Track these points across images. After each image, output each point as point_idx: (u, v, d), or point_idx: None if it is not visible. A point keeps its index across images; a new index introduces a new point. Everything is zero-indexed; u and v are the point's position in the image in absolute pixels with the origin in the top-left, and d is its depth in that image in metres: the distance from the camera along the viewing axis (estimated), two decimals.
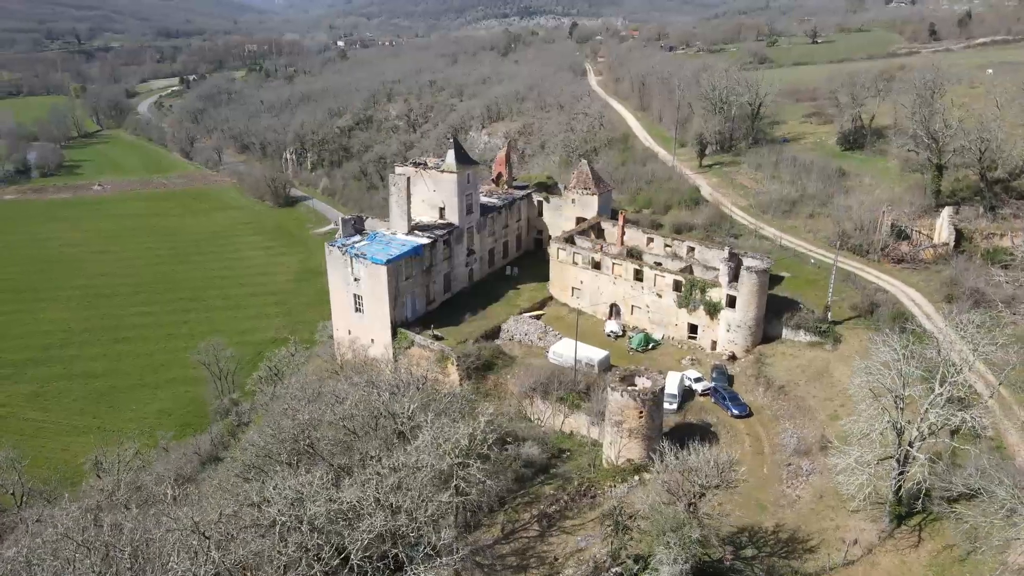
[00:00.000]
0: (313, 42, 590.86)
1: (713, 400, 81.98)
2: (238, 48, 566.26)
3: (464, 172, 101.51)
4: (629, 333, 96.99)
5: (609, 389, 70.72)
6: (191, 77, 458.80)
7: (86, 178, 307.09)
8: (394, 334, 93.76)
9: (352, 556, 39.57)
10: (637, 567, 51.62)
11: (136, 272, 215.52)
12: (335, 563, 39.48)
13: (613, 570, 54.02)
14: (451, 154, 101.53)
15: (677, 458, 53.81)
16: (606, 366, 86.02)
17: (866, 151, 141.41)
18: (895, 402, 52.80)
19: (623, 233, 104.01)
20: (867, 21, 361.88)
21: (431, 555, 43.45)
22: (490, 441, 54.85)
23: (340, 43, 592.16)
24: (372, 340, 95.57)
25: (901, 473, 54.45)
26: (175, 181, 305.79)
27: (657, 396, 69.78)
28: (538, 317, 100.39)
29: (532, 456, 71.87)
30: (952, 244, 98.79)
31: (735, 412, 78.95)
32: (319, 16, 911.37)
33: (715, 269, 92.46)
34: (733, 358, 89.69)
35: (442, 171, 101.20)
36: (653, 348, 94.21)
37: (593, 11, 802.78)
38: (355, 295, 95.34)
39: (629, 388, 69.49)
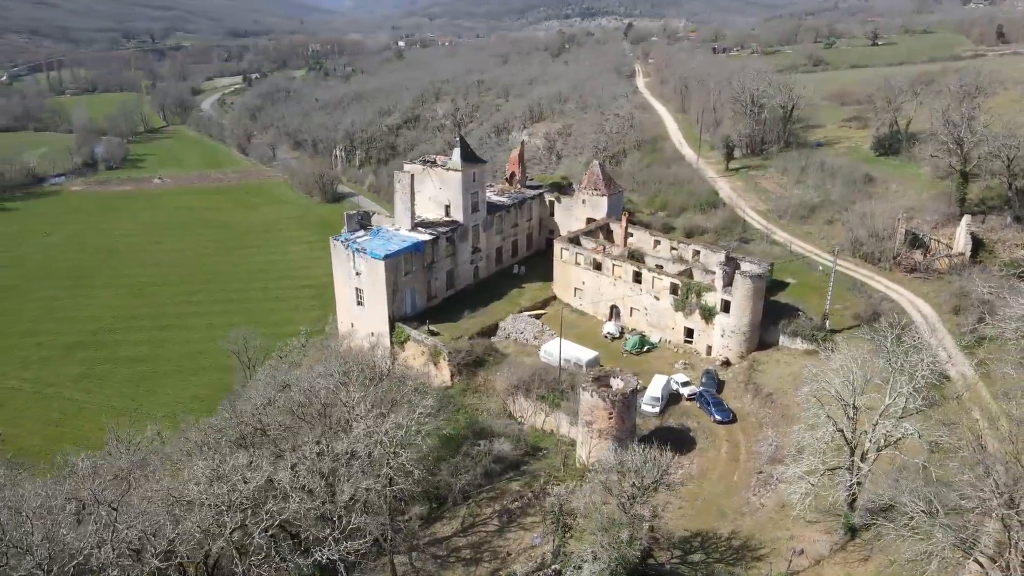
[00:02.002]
0: (375, 42, 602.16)
1: (698, 405, 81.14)
2: (302, 48, 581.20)
3: (469, 171, 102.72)
4: (626, 335, 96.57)
5: (581, 389, 70.89)
6: (254, 76, 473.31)
7: (148, 171, 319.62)
8: (392, 328, 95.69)
9: (255, 535, 41.19)
10: (574, 564, 51.79)
11: (185, 263, 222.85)
12: (241, 540, 41.14)
13: (553, 567, 54.36)
14: (457, 152, 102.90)
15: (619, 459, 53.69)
16: (595, 367, 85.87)
17: (901, 157, 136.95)
18: (845, 411, 51.56)
19: (626, 234, 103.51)
20: (933, 23, 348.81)
21: (339, 538, 44.62)
22: (424, 432, 55.80)
23: (401, 43, 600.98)
24: (372, 333, 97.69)
25: (855, 484, 53.12)
26: (230, 176, 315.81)
27: (628, 398, 69.50)
28: (538, 316, 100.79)
29: (503, 452, 72.52)
30: (968, 254, 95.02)
31: (717, 418, 78.00)
32: (384, 17, 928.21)
33: (715, 273, 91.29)
34: (727, 363, 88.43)
35: (448, 169, 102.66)
36: (649, 351, 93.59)
37: (656, 12, 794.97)
38: (356, 289, 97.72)
39: (599, 389, 69.48)
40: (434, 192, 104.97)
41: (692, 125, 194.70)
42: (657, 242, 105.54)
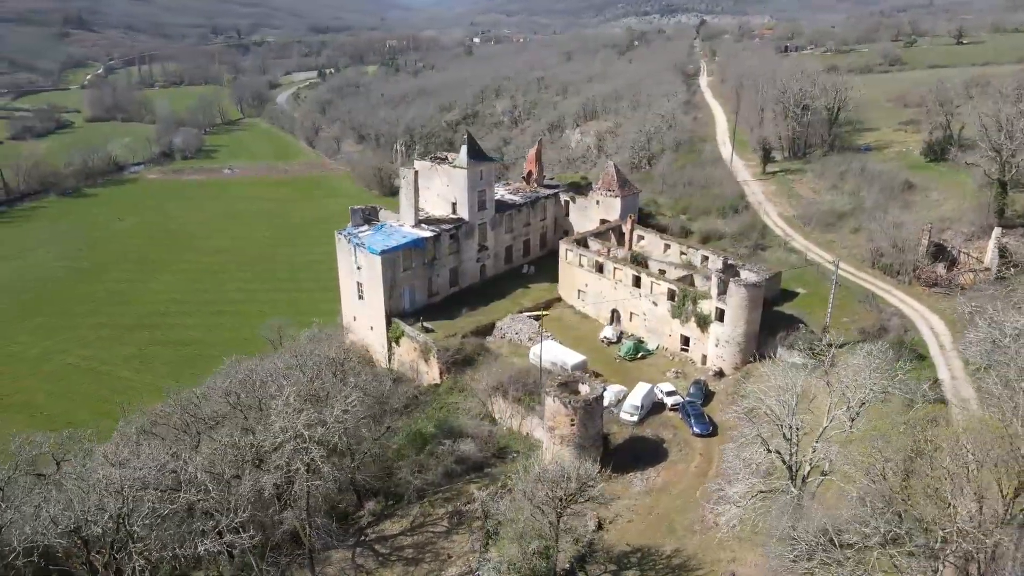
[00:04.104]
0: (449, 38, 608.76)
1: (680, 416, 78.61)
2: (379, 44, 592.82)
3: (476, 168, 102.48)
4: (624, 340, 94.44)
5: (544, 393, 69.75)
6: (329, 71, 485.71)
7: (220, 162, 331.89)
8: (388, 323, 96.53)
9: (136, 524, 42.34)
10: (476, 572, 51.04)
11: (244, 251, 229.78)
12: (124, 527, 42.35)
13: (476, 573, 53.73)
14: (464, 150, 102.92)
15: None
16: (582, 371, 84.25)
17: (950, 164, 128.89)
18: (782, 432, 48.89)
19: (631, 237, 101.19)
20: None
21: (221, 533, 45.20)
22: (343, 429, 55.68)
23: (476, 40, 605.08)
24: (372, 327, 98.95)
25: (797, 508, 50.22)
26: (296, 168, 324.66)
27: (591, 405, 67.92)
28: (538, 318, 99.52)
29: (466, 453, 72.06)
30: (995, 269, 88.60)
31: (696, 430, 75.34)
32: (462, 14, 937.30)
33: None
34: (721, 374, 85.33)
35: (454, 166, 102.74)
36: (643, 357, 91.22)
37: (738, 9, 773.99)
38: (357, 283, 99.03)
39: (562, 395, 68.13)
40: (442, 189, 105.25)
41: (739, 126, 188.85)
42: (667, 246, 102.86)
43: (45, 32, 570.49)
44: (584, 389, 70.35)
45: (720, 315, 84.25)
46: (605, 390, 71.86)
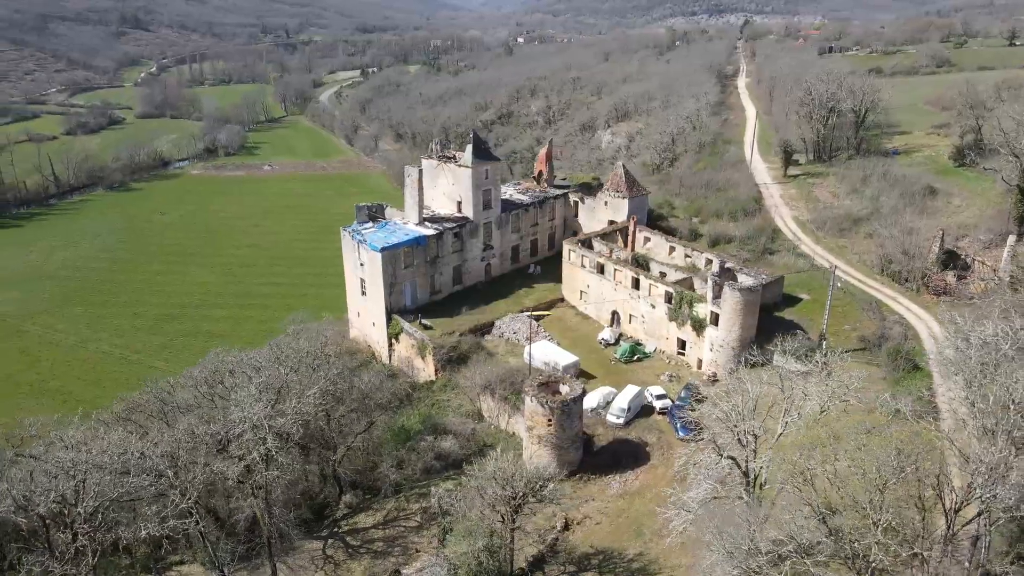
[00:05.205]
0: (492, 38, 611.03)
1: (668, 419, 77.90)
2: (423, 43, 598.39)
3: (481, 168, 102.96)
4: (621, 342, 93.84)
5: (523, 394, 69.86)
6: (372, 70, 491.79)
7: (261, 159, 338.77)
8: (389, 320, 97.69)
9: (80, 506, 43.92)
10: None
11: (277, 245, 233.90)
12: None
13: (434, 568, 54.15)
14: (469, 149, 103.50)
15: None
16: (573, 371, 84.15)
17: (979, 169, 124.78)
18: (737, 437, 48.19)
19: (633, 239, 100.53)
20: None
21: (166, 518, 46.52)
22: (302, 421, 56.47)
23: (520, 40, 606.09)
24: (373, 323, 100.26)
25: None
26: (334, 165, 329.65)
27: (568, 406, 67.80)
28: (539, 318, 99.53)
29: (445, 450, 72.56)
30: (1007, 278, 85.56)
31: (681, 435, 74.51)
32: (508, 14, 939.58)
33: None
34: (715, 378, 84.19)
35: (460, 165, 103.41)
36: (639, 360, 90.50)
37: (789, 8, 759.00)
38: (361, 279, 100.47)
39: (540, 395, 68.19)
40: (448, 188, 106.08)
41: (769, 127, 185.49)
42: (672, 248, 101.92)
43: (102, 31, 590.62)
44: (564, 389, 70.28)
45: (715, 319, 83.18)
46: (585, 392, 71.60)
